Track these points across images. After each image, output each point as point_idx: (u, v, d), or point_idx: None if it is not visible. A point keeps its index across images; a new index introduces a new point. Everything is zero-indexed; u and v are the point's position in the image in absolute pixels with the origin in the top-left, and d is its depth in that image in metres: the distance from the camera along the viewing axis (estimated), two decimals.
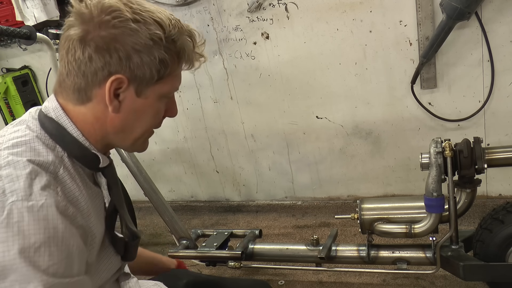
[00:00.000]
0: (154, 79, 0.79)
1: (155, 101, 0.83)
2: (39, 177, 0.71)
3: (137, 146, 0.89)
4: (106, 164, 0.86)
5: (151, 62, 0.77)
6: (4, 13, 2.48)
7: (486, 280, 1.59)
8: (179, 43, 0.80)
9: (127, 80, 0.77)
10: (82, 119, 0.80)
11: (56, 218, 0.69)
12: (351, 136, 2.30)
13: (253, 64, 2.31)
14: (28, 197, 0.67)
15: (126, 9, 0.75)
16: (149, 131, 0.88)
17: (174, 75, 0.83)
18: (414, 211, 1.57)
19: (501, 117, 1.98)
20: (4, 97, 2.75)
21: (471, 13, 1.78)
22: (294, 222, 2.50)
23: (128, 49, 0.75)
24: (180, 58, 0.82)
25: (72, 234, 0.71)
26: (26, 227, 0.65)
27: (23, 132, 0.77)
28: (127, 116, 0.81)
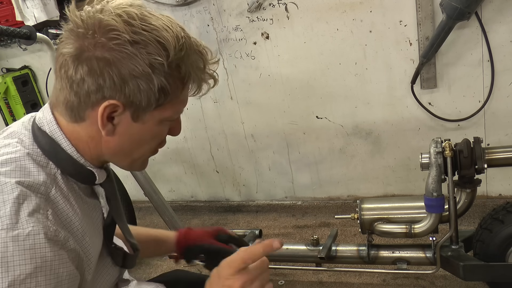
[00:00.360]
0: (152, 107, 0.73)
1: (155, 126, 0.77)
2: (28, 201, 0.67)
3: (135, 166, 0.85)
4: (102, 179, 0.82)
5: (149, 90, 0.70)
6: (4, 13, 2.48)
7: (486, 280, 1.59)
8: (184, 68, 0.73)
9: (122, 106, 0.71)
10: (77, 137, 0.76)
11: (44, 246, 0.65)
12: (351, 136, 2.30)
13: (253, 64, 2.31)
14: (14, 225, 0.63)
15: (125, 29, 0.68)
16: (149, 153, 0.83)
17: (178, 101, 0.77)
18: (414, 211, 1.57)
19: (501, 117, 1.98)
20: (4, 97, 2.75)
21: (471, 13, 1.78)
22: (294, 222, 2.50)
23: (124, 74, 0.69)
24: (185, 84, 0.75)
25: (62, 261, 0.67)
26: (10, 258, 0.62)
27: (13, 148, 0.73)
28: (122, 139, 0.76)
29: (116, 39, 0.68)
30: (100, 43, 0.68)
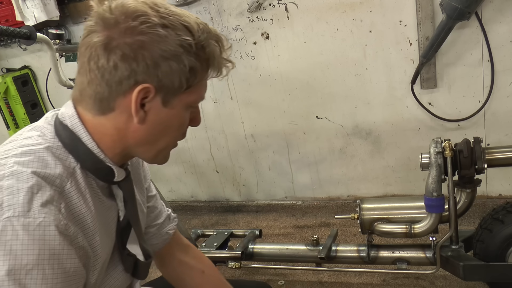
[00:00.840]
0: (182, 88, 0.74)
1: (181, 111, 0.78)
2: (42, 192, 0.66)
3: (159, 158, 0.84)
4: (121, 177, 0.81)
5: (181, 70, 0.72)
6: (4, 13, 2.48)
7: (486, 280, 1.59)
8: (208, 49, 0.75)
9: (154, 90, 0.72)
10: (101, 131, 0.76)
11: (54, 238, 0.65)
12: (351, 136, 2.30)
13: (253, 64, 2.31)
14: (25, 213, 0.63)
15: (153, 14, 0.70)
16: (173, 143, 0.83)
17: (202, 84, 0.78)
18: (414, 211, 1.57)
19: (501, 117, 1.99)
20: (4, 97, 2.75)
21: (471, 13, 1.78)
22: (294, 222, 2.50)
23: (156, 57, 0.70)
24: (208, 65, 0.76)
25: (70, 256, 0.67)
26: (19, 246, 0.62)
27: (34, 140, 0.73)
28: (151, 127, 0.76)
29: (146, 22, 0.69)
30: (130, 28, 0.69)
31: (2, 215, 0.63)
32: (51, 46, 1.71)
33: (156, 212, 1.06)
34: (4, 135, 2.91)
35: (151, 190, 1.05)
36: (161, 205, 1.09)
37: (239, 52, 2.30)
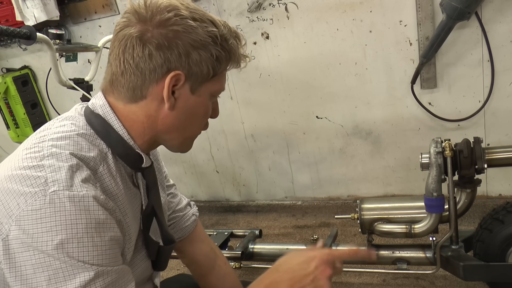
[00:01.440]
0: (209, 76, 0.80)
1: (206, 100, 0.84)
2: (80, 171, 0.71)
3: (185, 146, 0.89)
4: (148, 164, 0.86)
5: (208, 59, 0.78)
6: (4, 13, 2.48)
7: (486, 280, 1.59)
8: (231, 42, 0.82)
9: (184, 77, 0.78)
10: (132, 118, 0.81)
11: (97, 209, 0.69)
12: (351, 136, 2.30)
13: (253, 64, 2.31)
14: (69, 187, 0.68)
15: (183, 8, 0.77)
16: (198, 131, 0.89)
17: (223, 74, 0.85)
18: (414, 211, 1.57)
19: (501, 117, 1.99)
20: (4, 97, 2.75)
21: (471, 13, 1.78)
22: (294, 222, 2.50)
23: (187, 46, 0.76)
24: (230, 56, 0.83)
25: (113, 225, 0.72)
26: (68, 216, 0.66)
27: (68, 128, 0.78)
28: (180, 113, 0.81)
29: (179, 15, 0.76)
30: (164, 20, 0.75)
31: (48, 190, 0.67)
32: (51, 46, 1.71)
33: (178, 199, 1.14)
34: (4, 135, 2.91)
35: (169, 180, 1.13)
36: (180, 193, 1.17)
37: None
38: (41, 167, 0.70)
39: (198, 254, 1.14)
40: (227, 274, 1.16)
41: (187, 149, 0.91)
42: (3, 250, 0.67)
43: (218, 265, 1.15)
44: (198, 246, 1.14)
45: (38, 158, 0.72)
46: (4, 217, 0.67)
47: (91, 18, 2.51)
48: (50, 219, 0.65)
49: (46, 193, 0.67)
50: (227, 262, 1.20)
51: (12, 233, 0.66)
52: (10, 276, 0.67)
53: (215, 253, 1.18)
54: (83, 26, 2.57)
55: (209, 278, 1.14)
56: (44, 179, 0.68)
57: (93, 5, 2.47)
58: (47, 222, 0.65)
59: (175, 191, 1.14)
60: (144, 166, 0.85)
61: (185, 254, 1.15)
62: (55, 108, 2.88)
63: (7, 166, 0.73)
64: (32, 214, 0.65)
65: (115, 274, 0.71)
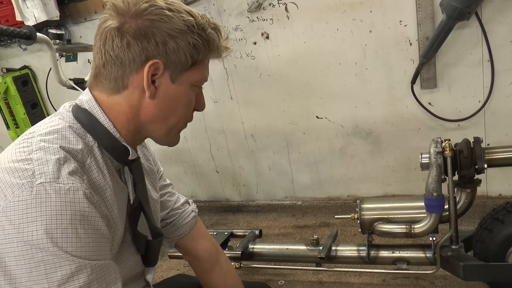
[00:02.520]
0: (188, 65, 0.81)
1: (188, 89, 0.84)
2: (68, 163, 0.72)
3: (170, 137, 0.90)
4: (134, 157, 0.87)
5: (185, 47, 0.79)
6: (4, 13, 2.48)
7: (486, 280, 1.59)
8: (209, 31, 0.82)
9: (163, 66, 0.79)
10: (116, 109, 0.82)
11: (83, 201, 0.70)
12: (351, 136, 2.30)
13: (253, 64, 2.31)
14: (56, 179, 0.69)
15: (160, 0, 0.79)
16: (182, 122, 0.89)
17: (204, 64, 0.85)
18: (414, 211, 1.57)
19: (501, 117, 1.99)
20: (4, 97, 2.75)
21: (471, 13, 1.78)
22: (294, 222, 2.50)
23: (164, 35, 0.77)
24: (209, 46, 0.84)
25: (97, 219, 0.73)
26: (53, 207, 0.67)
27: (56, 122, 0.80)
28: (162, 103, 0.82)
29: (155, 5, 0.78)
30: (141, 11, 0.77)
31: (35, 182, 0.68)
32: (51, 46, 1.71)
33: (175, 197, 1.15)
34: (4, 135, 2.91)
35: (165, 180, 1.14)
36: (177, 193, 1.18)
37: (239, 52, 2.31)
38: (29, 160, 0.72)
39: (201, 250, 1.14)
40: (228, 271, 1.17)
41: (174, 142, 0.92)
42: None
43: (220, 262, 1.16)
44: (200, 242, 1.15)
45: (27, 152, 0.73)
46: None
47: (91, 18, 2.52)
48: (36, 209, 0.66)
49: (33, 184, 0.68)
50: (228, 259, 1.21)
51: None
52: None
53: (217, 249, 1.18)
54: (83, 26, 2.57)
55: (211, 274, 1.14)
56: (31, 172, 0.69)
57: (93, 5, 2.47)
58: (32, 213, 0.66)
59: (172, 190, 1.15)
60: (131, 158, 0.85)
61: (188, 251, 1.15)
62: (55, 108, 2.88)
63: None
64: (18, 205, 0.66)
65: (99, 269, 0.71)
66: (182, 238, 1.13)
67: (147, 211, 0.92)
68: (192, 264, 1.17)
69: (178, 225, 1.12)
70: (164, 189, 1.11)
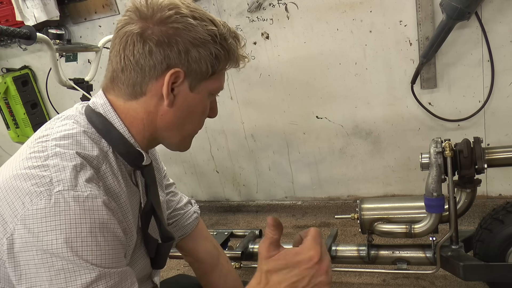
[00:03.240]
0: (208, 74, 0.80)
1: (205, 98, 0.84)
2: (84, 170, 0.72)
3: (183, 144, 0.89)
4: (148, 162, 0.87)
5: (207, 57, 0.79)
6: (4, 13, 2.48)
7: (486, 280, 1.59)
8: (230, 41, 0.82)
9: (183, 75, 0.78)
10: (132, 115, 0.81)
11: (101, 209, 0.70)
12: (351, 136, 2.30)
13: (253, 64, 2.31)
14: (74, 187, 0.69)
15: (184, 6, 0.79)
16: (197, 129, 0.89)
17: (222, 73, 0.85)
18: (414, 211, 1.57)
19: (501, 117, 1.98)
20: (4, 97, 2.75)
21: (471, 13, 1.78)
22: (294, 222, 2.50)
23: (187, 43, 0.77)
24: (229, 56, 0.83)
25: (116, 226, 0.73)
26: (72, 216, 0.67)
27: (70, 126, 0.79)
28: (179, 111, 0.82)
29: (179, 13, 0.77)
30: (165, 18, 0.76)
31: (53, 189, 0.68)
32: (51, 46, 1.71)
33: (178, 197, 1.14)
34: (4, 135, 2.91)
35: (169, 179, 1.13)
36: (180, 192, 1.18)
37: None
38: (45, 166, 0.71)
39: (201, 252, 1.14)
40: (229, 272, 1.17)
41: (186, 148, 0.91)
42: (8, 249, 0.67)
43: (221, 263, 1.16)
44: (201, 243, 1.15)
45: (43, 157, 0.72)
46: (9, 216, 0.68)
47: (91, 18, 2.52)
48: (55, 218, 0.66)
49: (51, 192, 0.67)
50: (229, 260, 1.21)
51: (17, 232, 0.66)
52: (14, 275, 0.67)
53: (218, 250, 1.18)
54: (83, 26, 2.57)
55: (211, 275, 1.14)
56: (49, 179, 0.69)
57: (93, 5, 2.47)
58: (51, 221, 0.66)
59: (175, 190, 1.14)
60: (145, 164, 0.85)
61: (188, 252, 1.15)
62: (55, 108, 2.88)
63: (12, 166, 0.74)
64: (37, 213, 0.66)
65: (118, 276, 0.71)
66: (183, 239, 1.13)
67: (158, 215, 0.92)
68: (193, 265, 1.17)
69: (180, 226, 1.12)
70: (167, 188, 1.11)
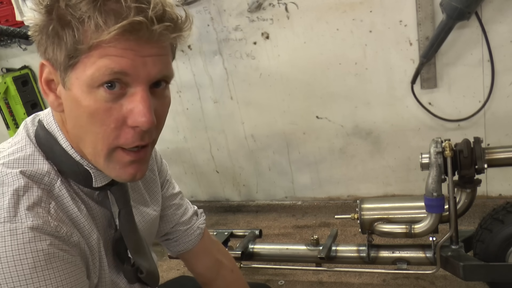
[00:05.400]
0: (69, 60, 0.62)
1: (82, 94, 0.63)
2: (28, 193, 0.63)
3: (108, 168, 0.68)
4: (101, 183, 0.73)
5: (51, 39, 0.63)
6: (4, 13, 2.48)
7: (486, 280, 1.59)
8: (84, 3, 0.59)
9: (52, 68, 0.66)
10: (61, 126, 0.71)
11: (45, 239, 0.61)
12: (351, 136, 2.30)
13: (253, 64, 2.31)
14: (12, 218, 0.59)
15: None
16: (101, 141, 0.65)
17: (98, 51, 0.60)
18: (414, 211, 1.57)
19: (501, 117, 1.98)
20: (4, 97, 2.75)
21: (471, 13, 1.78)
22: (294, 222, 2.50)
23: (38, 29, 0.65)
24: (81, 27, 0.60)
25: (66, 253, 0.64)
26: (9, 253, 0.58)
27: (20, 137, 0.71)
28: (68, 115, 0.67)
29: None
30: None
31: None
32: None
33: (182, 209, 1.05)
34: (4, 135, 2.91)
35: (174, 187, 1.03)
36: (186, 202, 1.08)
37: (239, 52, 2.30)
38: None
39: (200, 268, 1.09)
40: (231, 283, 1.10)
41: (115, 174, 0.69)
42: None
43: (221, 276, 1.09)
44: (201, 260, 1.09)
45: None
46: None
47: None
48: None
49: None
50: (235, 269, 1.12)
51: None
52: None
53: (220, 263, 1.10)
54: None
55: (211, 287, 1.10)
56: None
57: None
58: None
59: (180, 201, 1.04)
60: (96, 186, 0.72)
61: (187, 264, 1.10)
62: None
63: None
64: None
65: None
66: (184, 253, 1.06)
67: (127, 243, 0.79)
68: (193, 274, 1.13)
69: (181, 242, 1.05)
70: (171, 200, 1.01)
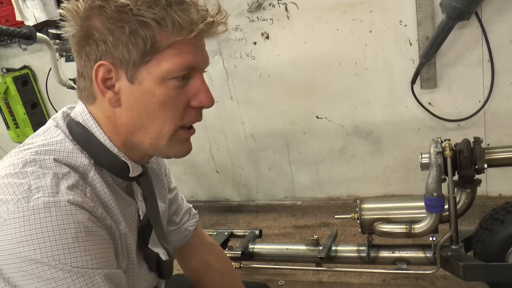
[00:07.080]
0: (140, 57, 0.69)
1: (156, 86, 0.70)
2: (67, 177, 0.68)
3: (161, 147, 0.76)
4: (137, 173, 0.79)
5: (126, 38, 0.67)
6: (4, 13, 2.48)
7: (486, 280, 1.59)
8: (158, 8, 0.67)
9: (112, 66, 0.69)
10: (100, 123, 0.75)
11: (84, 213, 0.66)
12: (351, 136, 2.30)
13: (253, 64, 2.31)
14: (55, 194, 0.64)
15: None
16: (168, 126, 0.74)
17: (176, 49, 0.69)
18: (414, 211, 1.57)
19: (501, 117, 1.98)
20: (4, 97, 2.75)
21: (471, 13, 1.78)
22: (294, 222, 2.50)
23: (102, 31, 0.68)
24: (162, 26, 0.68)
25: (102, 232, 0.69)
26: (55, 222, 0.62)
27: (54, 133, 0.75)
28: (130, 109, 0.72)
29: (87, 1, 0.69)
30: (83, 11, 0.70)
31: (32, 197, 0.63)
32: (51, 46, 1.71)
33: (175, 206, 1.05)
34: (4, 135, 2.91)
35: (171, 181, 1.04)
36: (181, 199, 1.08)
37: (239, 52, 2.30)
38: (23, 173, 0.66)
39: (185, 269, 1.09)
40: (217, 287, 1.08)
41: (179, 152, 0.78)
42: None
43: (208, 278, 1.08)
44: (187, 260, 1.08)
45: (21, 164, 0.67)
46: None
47: None
48: (35, 226, 0.61)
49: (29, 200, 0.62)
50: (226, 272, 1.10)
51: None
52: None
53: (208, 266, 1.09)
54: None
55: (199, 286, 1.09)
56: (27, 186, 0.64)
57: None
58: (32, 230, 0.61)
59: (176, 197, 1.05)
60: (132, 175, 0.78)
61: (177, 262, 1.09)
62: (55, 108, 2.88)
63: None
64: (14, 222, 0.61)
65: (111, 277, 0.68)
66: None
67: (156, 229, 0.86)
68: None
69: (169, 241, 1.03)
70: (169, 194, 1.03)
